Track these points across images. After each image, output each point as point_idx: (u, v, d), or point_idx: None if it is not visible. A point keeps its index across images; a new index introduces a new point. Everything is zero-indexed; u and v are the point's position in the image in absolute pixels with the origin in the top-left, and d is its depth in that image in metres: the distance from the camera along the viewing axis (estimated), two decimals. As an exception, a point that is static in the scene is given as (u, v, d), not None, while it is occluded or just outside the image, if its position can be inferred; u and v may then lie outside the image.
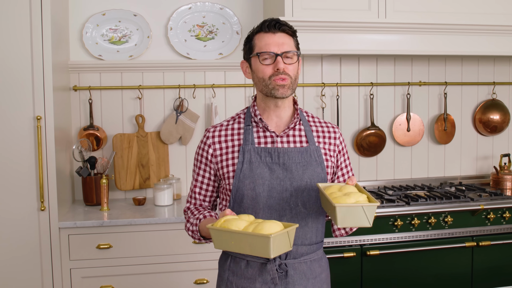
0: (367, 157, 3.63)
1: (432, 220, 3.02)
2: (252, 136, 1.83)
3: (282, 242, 1.53)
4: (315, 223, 1.84)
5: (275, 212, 1.78)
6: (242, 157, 1.80)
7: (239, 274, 1.82)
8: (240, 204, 1.81)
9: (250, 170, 1.79)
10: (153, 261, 2.81)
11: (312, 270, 1.84)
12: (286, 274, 1.79)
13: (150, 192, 3.40)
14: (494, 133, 3.81)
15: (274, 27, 1.78)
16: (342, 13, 3.07)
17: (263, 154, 1.80)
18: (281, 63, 1.76)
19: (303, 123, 1.89)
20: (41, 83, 2.70)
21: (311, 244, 1.85)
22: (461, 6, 3.21)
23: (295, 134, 1.86)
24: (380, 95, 3.64)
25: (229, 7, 3.42)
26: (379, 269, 2.98)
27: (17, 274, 2.74)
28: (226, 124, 1.90)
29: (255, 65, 1.81)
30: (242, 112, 1.93)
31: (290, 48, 1.79)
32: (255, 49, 1.81)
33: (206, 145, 1.88)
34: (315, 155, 1.83)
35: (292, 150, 1.81)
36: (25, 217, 2.73)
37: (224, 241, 1.56)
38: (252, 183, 1.78)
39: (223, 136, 1.87)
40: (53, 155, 2.74)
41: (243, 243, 1.52)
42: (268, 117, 1.86)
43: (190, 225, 1.87)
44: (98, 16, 3.27)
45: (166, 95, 3.39)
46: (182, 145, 3.41)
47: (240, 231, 1.52)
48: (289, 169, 1.79)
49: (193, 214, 1.90)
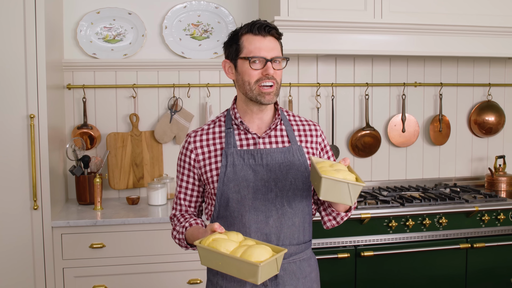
0: (362, 158, 3.63)
1: (426, 221, 3.02)
2: (234, 139, 1.83)
3: (270, 268, 1.53)
4: (301, 222, 1.84)
5: (261, 213, 1.78)
6: (225, 161, 1.80)
7: (228, 277, 1.81)
8: (226, 208, 1.80)
9: (234, 173, 1.78)
10: (146, 261, 2.80)
11: (301, 269, 1.85)
12: (276, 276, 1.79)
13: (143, 191, 3.38)
14: (489, 135, 3.81)
15: (264, 30, 1.76)
16: (337, 13, 3.07)
17: (246, 156, 1.80)
18: (271, 69, 1.75)
19: (284, 122, 1.89)
20: (34, 81, 2.68)
21: (299, 243, 1.85)
22: (457, 8, 3.22)
23: (276, 134, 1.85)
24: (376, 96, 3.64)
25: (224, 6, 3.41)
26: (373, 270, 2.98)
27: (10, 273, 2.72)
28: (207, 128, 1.89)
29: (242, 68, 1.78)
30: (222, 115, 1.92)
31: (279, 53, 1.79)
32: (243, 51, 1.78)
33: (188, 151, 1.87)
34: (297, 155, 1.84)
35: (275, 151, 1.81)
36: (17, 216, 2.71)
37: (211, 260, 1.56)
38: (237, 186, 1.78)
39: (204, 140, 1.86)
40: (46, 153, 2.72)
41: (231, 266, 1.52)
42: (250, 119, 1.85)
43: (177, 233, 1.87)
44: (92, 14, 3.25)
45: (160, 94, 3.37)
46: (176, 144, 3.39)
47: (229, 255, 1.51)
48: (273, 170, 1.79)
49: (179, 221, 1.89)
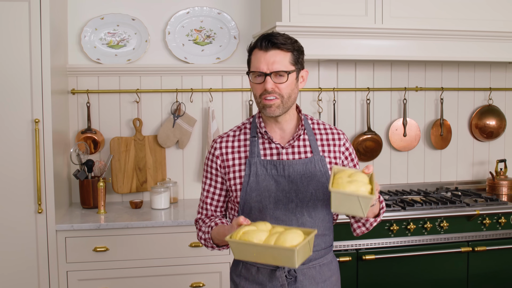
0: (364, 162, 3.64)
1: (428, 225, 3.03)
2: (258, 148, 1.85)
3: (304, 250, 1.57)
4: (321, 230, 1.86)
5: (281, 222, 1.81)
6: (248, 170, 1.83)
7: (250, 279, 1.85)
8: (248, 215, 1.84)
9: (256, 183, 1.81)
10: (149, 264, 2.81)
11: (321, 273, 1.87)
12: (295, 280, 1.82)
13: (147, 195, 3.40)
14: (490, 139, 3.82)
15: (267, 44, 1.76)
16: (339, 19, 3.08)
17: (269, 166, 1.83)
18: (270, 83, 1.75)
19: (307, 132, 1.90)
20: (39, 86, 2.71)
21: (319, 250, 1.87)
22: (458, 12, 3.23)
23: (299, 144, 1.87)
24: (377, 100, 3.66)
25: (226, 12, 3.44)
26: (375, 274, 2.99)
27: (14, 276, 2.74)
28: (232, 135, 1.92)
29: (250, 82, 1.83)
30: (248, 121, 1.94)
31: (281, 66, 1.76)
32: (250, 65, 1.83)
33: (214, 156, 1.90)
34: (319, 166, 1.85)
35: (297, 163, 1.83)
36: (22, 219, 2.74)
37: (245, 253, 1.59)
38: (259, 196, 1.81)
39: (230, 147, 1.89)
40: (50, 158, 2.75)
41: (266, 255, 1.55)
42: (271, 129, 1.88)
43: (202, 233, 1.90)
44: (96, 20, 3.29)
45: (163, 99, 3.40)
46: (179, 149, 3.42)
47: (263, 245, 1.54)
48: (294, 181, 1.81)
49: (205, 222, 1.93)
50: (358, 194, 1.58)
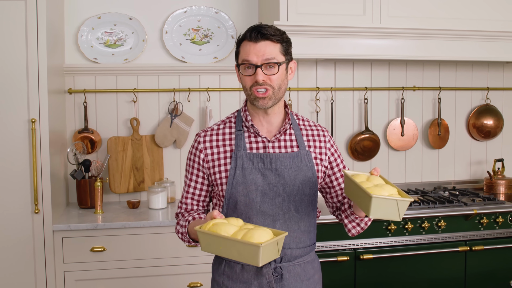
0: (361, 162, 3.64)
1: (425, 224, 3.03)
2: (243, 142, 1.84)
3: (271, 250, 1.53)
4: (307, 226, 1.86)
5: (268, 217, 1.79)
6: (234, 163, 1.81)
7: (234, 278, 1.83)
8: (234, 210, 1.82)
9: (243, 176, 1.79)
10: (147, 264, 2.81)
11: (306, 271, 1.86)
12: (281, 277, 1.81)
13: (144, 195, 3.40)
14: (488, 138, 3.83)
15: (256, 36, 1.75)
16: (337, 18, 3.08)
17: (256, 160, 1.81)
18: (261, 75, 1.75)
19: (294, 127, 1.89)
20: (36, 85, 2.70)
21: (305, 247, 1.86)
22: (455, 12, 3.23)
23: (286, 139, 1.86)
24: (375, 100, 3.66)
25: (224, 11, 3.43)
26: (373, 273, 2.99)
27: (11, 277, 2.73)
28: (216, 128, 1.90)
29: (240, 74, 1.82)
30: (232, 115, 1.93)
31: (273, 57, 1.75)
32: (239, 57, 1.81)
33: (197, 150, 1.88)
34: (305, 160, 1.84)
35: (284, 156, 1.82)
36: (19, 219, 2.73)
37: (212, 245, 1.56)
38: (245, 189, 1.79)
39: (214, 141, 1.87)
40: (47, 157, 2.74)
41: (232, 249, 1.52)
42: (258, 122, 1.87)
43: (180, 227, 1.87)
44: (93, 20, 3.28)
45: (161, 98, 3.39)
46: (176, 148, 3.41)
47: (230, 238, 1.52)
48: (281, 174, 1.80)
49: (184, 216, 1.90)
50: (397, 198, 1.59)
